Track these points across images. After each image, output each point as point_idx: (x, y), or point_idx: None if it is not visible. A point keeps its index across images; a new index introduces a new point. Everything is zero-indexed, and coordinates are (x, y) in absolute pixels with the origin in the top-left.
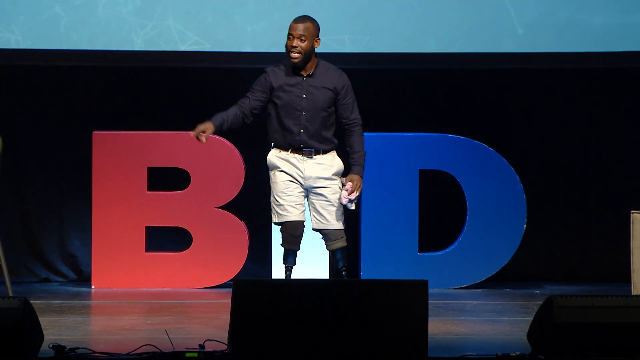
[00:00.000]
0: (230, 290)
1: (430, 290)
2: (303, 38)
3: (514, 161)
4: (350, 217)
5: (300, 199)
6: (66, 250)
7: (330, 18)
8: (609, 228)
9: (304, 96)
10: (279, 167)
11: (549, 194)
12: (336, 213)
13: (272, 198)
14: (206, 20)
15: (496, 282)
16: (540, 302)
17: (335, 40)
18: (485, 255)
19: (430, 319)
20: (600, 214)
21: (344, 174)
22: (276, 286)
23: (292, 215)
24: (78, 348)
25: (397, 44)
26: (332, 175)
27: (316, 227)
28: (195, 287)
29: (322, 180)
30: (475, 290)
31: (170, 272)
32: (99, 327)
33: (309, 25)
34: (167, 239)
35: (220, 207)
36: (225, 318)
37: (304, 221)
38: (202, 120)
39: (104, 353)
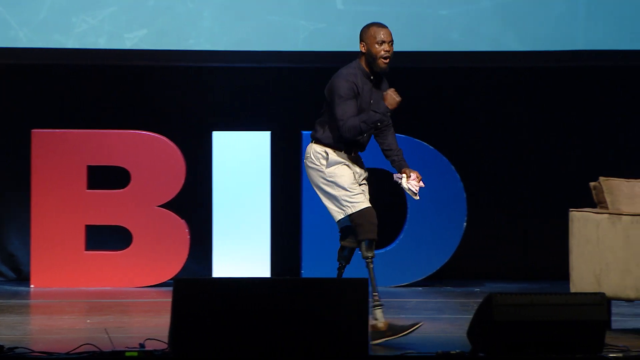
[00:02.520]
0: (170, 289)
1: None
2: (391, 43)
3: (455, 160)
4: (292, 215)
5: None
6: (5, 249)
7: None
8: (549, 226)
9: (372, 102)
10: (343, 161)
11: (489, 192)
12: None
13: (338, 192)
14: (147, 18)
15: (436, 280)
16: (480, 300)
17: (276, 39)
18: (426, 254)
19: (370, 317)
20: (540, 212)
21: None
22: (217, 285)
23: (367, 202)
24: (17, 347)
25: (341, 43)
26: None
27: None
28: (135, 286)
29: (364, 175)
30: (416, 288)
31: (111, 271)
32: (38, 326)
33: (390, 31)
34: (107, 237)
35: (160, 206)
36: (165, 317)
37: None
38: (142, 118)
39: (43, 352)
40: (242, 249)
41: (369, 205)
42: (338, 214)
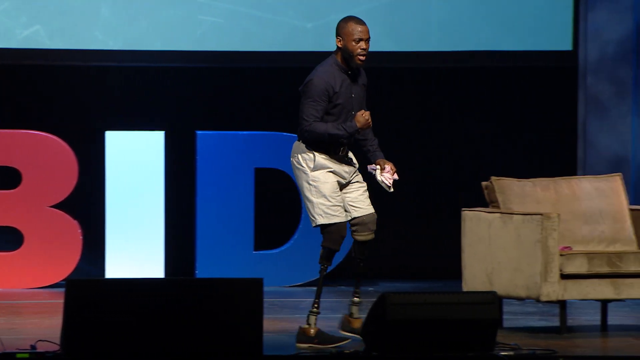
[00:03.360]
0: (63, 290)
1: (266, 289)
2: (368, 40)
3: None
4: (186, 215)
5: (342, 202)
6: None
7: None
8: (441, 226)
9: (353, 95)
10: (329, 168)
11: (382, 192)
12: (369, 199)
13: (318, 199)
14: (40, 15)
15: (331, 279)
16: (374, 300)
17: (170, 38)
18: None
19: (265, 317)
20: (432, 212)
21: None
22: (109, 285)
23: (342, 217)
24: None
25: (235, 43)
26: (356, 163)
27: (356, 214)
28: (27, 287)
29: (355, 169)
30: (311, 288)
31: (1, 272)
32: None
33: (368, 27)
34: None
35: (53, 206)
36: (57, 318)
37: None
38: (34, 117)
39: None
40: (135, 249)
41: (343, 220)
42: (312, 221)
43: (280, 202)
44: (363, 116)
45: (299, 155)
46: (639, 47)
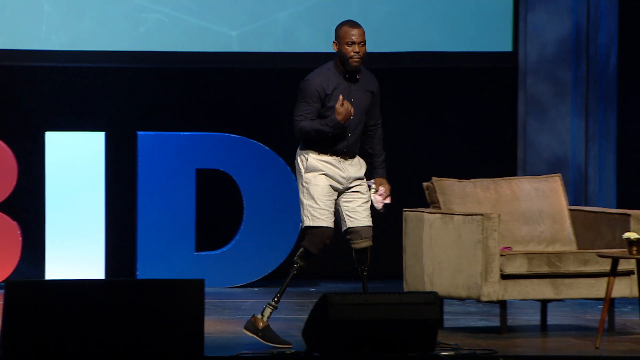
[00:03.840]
0: (2, 292)
1: (207, 290)
2: (363, 43)
3: (291, 160)
4: (127, 216)
5: (333, 207)
6: None
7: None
8: (383, 226)
9: (352, 100)
10: (322, 170)
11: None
12: (368, 211)
13: (307, 201)
14: None
15: (273, 280)
16: (316, 300)
17: (111, 38)
18: (262, 254)
19: (206, 318)
20: (374, 212)
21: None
22: (50, 287)
23: (328, 222)
24: None
25: (174, 44)
26: (363, 174)
27: (350, 225)
28: None
29: (358, 179)
30: (252, 289)
31: None
32: None
33: (363, 30)
34: None
35: None
36: None
37: (333, 229)
38: None
39: None
40: (75, 250)
41: (328, 225)
42: (301, 222)
43: (221, 203)
44: (342, 106)
45: (297, 157)
46: (578, 47)
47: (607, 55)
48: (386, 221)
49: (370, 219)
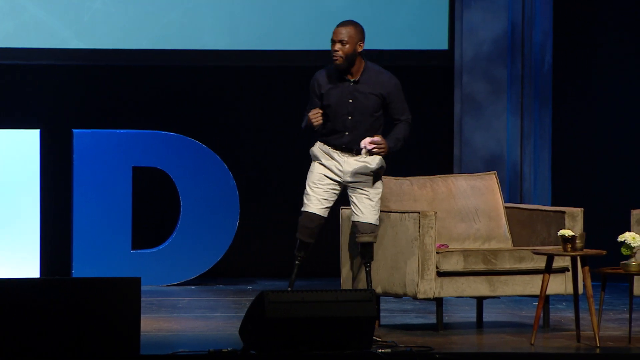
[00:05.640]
0: None
1: (143, 288)
2: (344, 42)
3: (228, 158)
4: (62, 215)
5: (330, 195)
6: None
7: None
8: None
9: (350, 101)
10: (320, 160)
11: (261, 190)
12: (371, 208)
13: (306, 186)
14: None
15: (209, 278)
16: (253, 298)
17: (44, 35)
18: (199, 252)
19: (142, 316)
20: None
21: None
22: None
23: (313, 207)
24: None
25: (110, 41)
26: (371, 171)
27: (354, 220)
28: None
29: (360, 175)
30: (189, 287)
31: None
32: None
33: (350, 29)
34: None
35: None
36: None
37: (322, 217)
38: None
39: None
40: (10, 249)
41: (313, 211)
42: None
43: (158, 201)
44: (312, 113)
45: None
46: (513, 46)
47: (542, 53)
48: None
49: (375, 217)
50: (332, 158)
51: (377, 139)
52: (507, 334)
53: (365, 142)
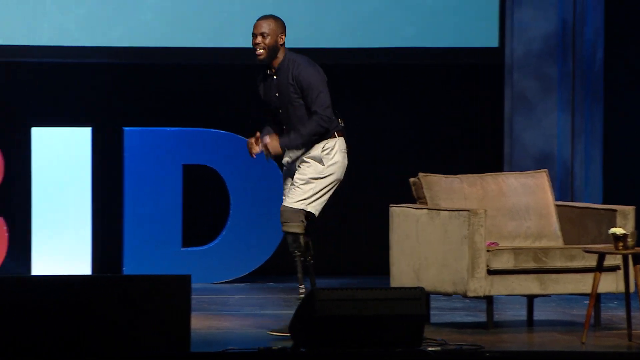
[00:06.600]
0: None
1: (194, 285)
2: (265, 34)
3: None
4: (114, 212)
5: (288, 187)
6: None
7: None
8: (370, 222)
9: (277, 94)
10: (284, 157)
11: None
12: (292, 193)
13: None
14: None
15: (260, 276)
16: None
17: (97, 34)
18: (249, 250)
19: (193, 313)
20: (360, 208)
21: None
22: (36, 283)
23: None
24: None
25: (162, 39)
26: (306, 158)
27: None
28: None
29: (298, 161)
30: (239, 284)
31: None
32: None
33: (270, 22)
34: None
35: None
36: None
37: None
38: None
39: None
40: (62, 246)
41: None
42: None
43: (208, 198)
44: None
45: None
46: (564, 43)
47: (593, 50)
48: (373, 217)
49: (292, 201)
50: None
51: (265, 139)
52: (557, 332)
53: (259, 146)
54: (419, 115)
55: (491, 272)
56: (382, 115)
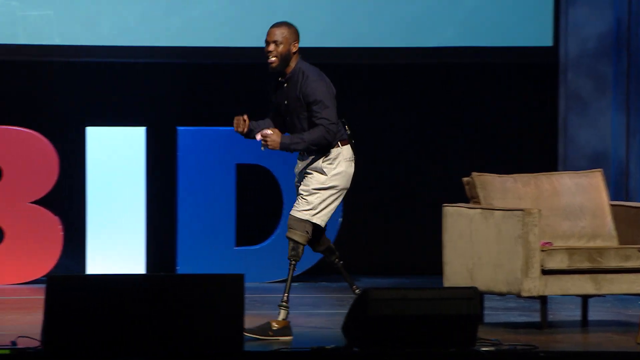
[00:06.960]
0: (44, 286)
1: (247, 284)
2: (278, 42)
3: None
4: (167, 211)
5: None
6: None
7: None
8: (423, 221)
9: (285, 102)
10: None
11: (364, 187)
12: (298, 203)
13: None
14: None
15: (312, 275)
16: (355, 295)
17: (151, 33)
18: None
19: (246, 312)
20: (413, 208)
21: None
22: (91, 281)
23: None
24: None
25: (215, 39)
26: (308, 169)
27: None
28: (8, 283)
29: (306, 173)
30: (292, 283)
31: None
32: None
33: (284, 30)
34: None
35: (33, 202)
36: (38, 314)
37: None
38: (14, 113)
39: None
40: (116, 245)
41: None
42: None
43: (261, 198)
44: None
45: None
46: (619, 42)
47: None
48: (425, 216)
49: (300, 210)
50: (298, 159)
51: (267, 131)
52: (612, 332)
53: (259, 134)
54: (473, 113)
55: (545, 272)
56: (436, 114)
